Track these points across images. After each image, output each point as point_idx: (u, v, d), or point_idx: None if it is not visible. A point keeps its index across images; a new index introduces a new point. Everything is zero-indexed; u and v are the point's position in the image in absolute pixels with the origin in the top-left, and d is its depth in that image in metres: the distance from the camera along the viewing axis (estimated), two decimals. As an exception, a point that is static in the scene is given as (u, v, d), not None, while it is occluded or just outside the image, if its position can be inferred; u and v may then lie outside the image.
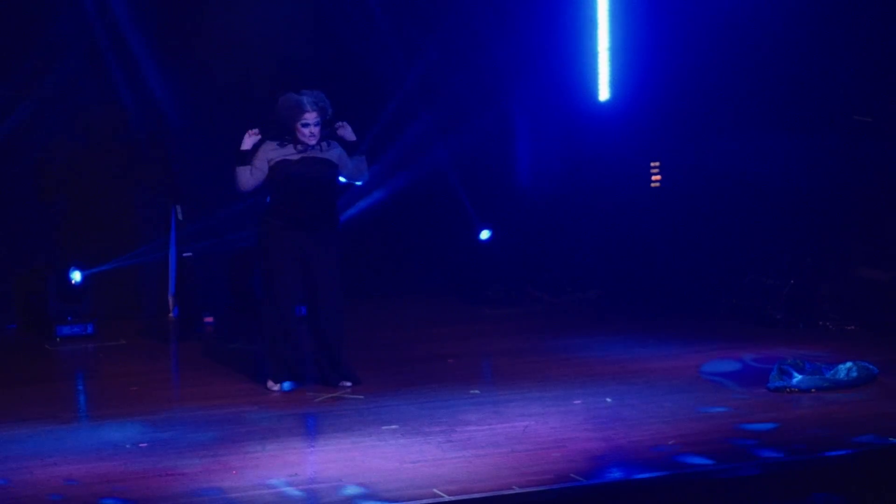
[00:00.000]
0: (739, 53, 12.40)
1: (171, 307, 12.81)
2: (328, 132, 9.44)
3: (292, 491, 7.19)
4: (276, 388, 9.46)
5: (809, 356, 9.87)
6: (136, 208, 12.64)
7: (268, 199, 9.53)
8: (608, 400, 9.08)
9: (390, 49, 13.15)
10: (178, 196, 12.47)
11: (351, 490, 7.13)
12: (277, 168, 9.29)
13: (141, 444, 8.16)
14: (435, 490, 7.06)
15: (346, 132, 9.48)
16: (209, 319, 12.43)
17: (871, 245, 11.80)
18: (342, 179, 9.65)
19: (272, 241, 9.37)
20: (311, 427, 8.63)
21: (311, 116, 9.25)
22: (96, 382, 10.62)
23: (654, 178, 13.56)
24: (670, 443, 7.97)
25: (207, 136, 12.46)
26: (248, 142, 9.34)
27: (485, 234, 13.45)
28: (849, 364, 9.41)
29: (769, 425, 8.35)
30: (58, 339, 11.69)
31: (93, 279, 12.02)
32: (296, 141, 9.31)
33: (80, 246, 12.24)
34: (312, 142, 9.31)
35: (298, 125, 9.26)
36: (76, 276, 11.89)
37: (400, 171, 13.03)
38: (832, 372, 9.36)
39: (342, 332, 9.61)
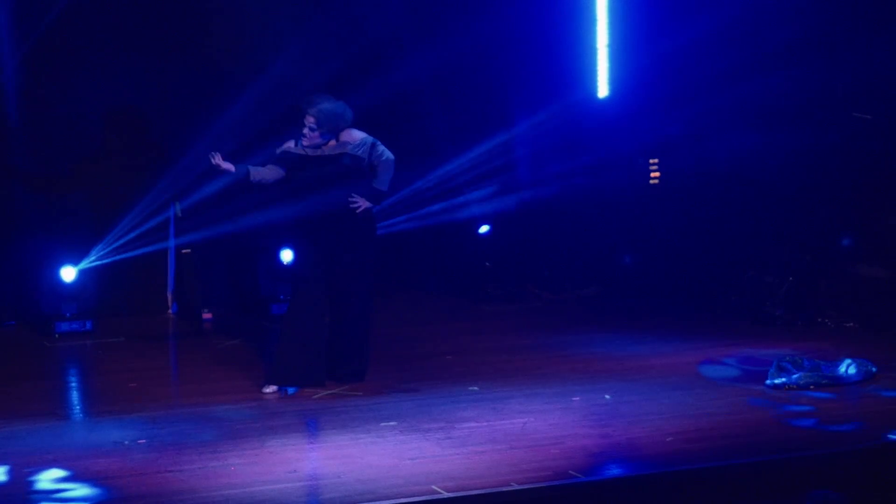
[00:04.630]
0: (738, 50, 12.40)
1: (169, 304, 12.82)
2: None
3: (291, 487, 7.19)
4: (270, 390, 9.44)
5: (808, 353, 9.89)
6: (134, 205, 12.64)
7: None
8: (607, 397, 9.09)
9: (387, 47, 13.16)
10: (177, 193, 12.47)
11: (349, 486, 7.12)
12: (285, 160, 9.36)
13: (140, 441, 8.17)
14: (433, 487, 7.06)
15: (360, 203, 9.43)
16: (208, 316, 12.45)
17: (870, 242, 11.81)
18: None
19: (300, 242, 9.43)
20: (309, 424, 8.63)
21: (307, 120, 9.27)
22: (95, 379, 10.61)
23: (652, 174, 13.57)
24: (669, 440, 7.97)
25: (207, 133, 12.47)
26: (222, 165, 9.34)
27: (484, 229, 13.46)
28: (847, 361, 9.43)
29: (768, 422, 8.36)
30: (56, 336, 11.70)
31: (90, 275, 12.02)
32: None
33: (77, 243, 12.23)
34: (304, 142, 9.32)
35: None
36: (70, 272, 11.89)
37: (399, 168, 13.01)
38: (831, 369, 9.37)
39: (365, 334, 9.58)
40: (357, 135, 9.40)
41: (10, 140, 12.19)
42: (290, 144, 9.43)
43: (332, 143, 9.36)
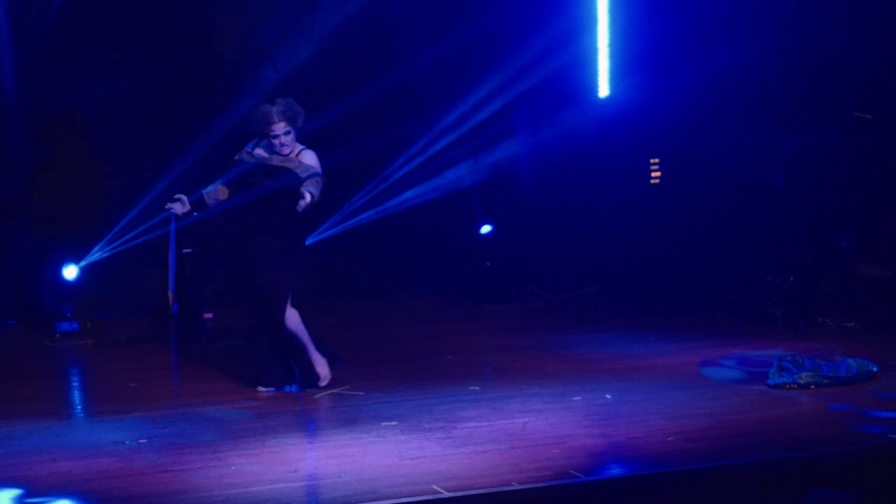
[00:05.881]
0: (739, 50, 12.39)
1: (170, 303, 12.79)
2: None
3: (292, 487, 7.19)
4: (265, 389, 9.46)
5: (809, 353, 9.89)
6: (134, 204, 12.63)
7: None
8: (608, 396, 9.09)
9: (388, 45, 13.17)
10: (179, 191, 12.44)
11: (350, 486, 7.12)
12: (237, 165, 9.33)
13: (140, 441, 8.17)
14: (434, 486, 7.06)
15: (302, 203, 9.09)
16: (209, 316, 12.44)
17: (871, 242, 11.80)
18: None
19: (232, 245, 9.39)
20: (310, 423, 8.63)
21: (278, 128, 9.15)
22: (95, 379, 10.62)
23: (653, 174, 13.57)
24: (669, 439, 7.97)
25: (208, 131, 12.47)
26: (178, 208, 9.31)
27: (486, 229, 13.46)
28: (848, 361, 9.43)
29: (768, 422, 8.36)
30: (57, 336, 11.69)
31: (91, 275, 12.01)
32: (269, 145, 9.27)
33: (76, 242, 12.21)
34: (285, 151, 9.20)
35: (270, 138, 9.23)
36: (71, 271, 11.88)
37: (400, 168, 13.04)
38: (832, 368, 9.37)
39: (291, 340, 9.40)
40: (309, 160, 9.22)
41: (11, 139, 12.18)
42: (247, 152, 9.31)
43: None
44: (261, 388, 9.45)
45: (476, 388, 9.45)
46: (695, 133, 12.98)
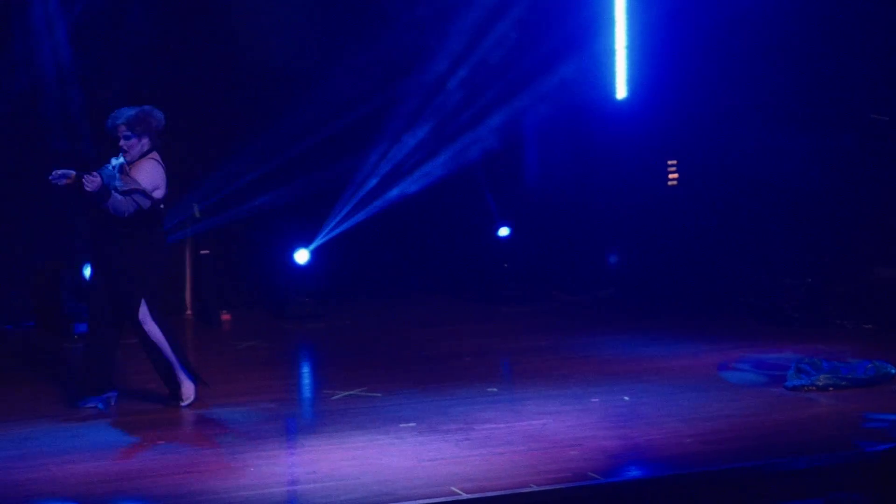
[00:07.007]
0: (756, 52, 12.39)
1: (188, 305, 12.83)
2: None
3: (310, 488, 7.20)
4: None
5: (827, 355, 9.87)
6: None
7: None
8: (625, 398, 9.09)
9: (400, 43, 13.18)
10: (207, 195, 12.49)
11: (368, 488, 7.13)
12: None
13: (159, 442, 8.19)
14: (452, 488, 7.07)
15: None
16: (227, 317, 12.46)
17: (888, 244, 11.78)
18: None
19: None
20: (328, 425, 8.63)
21: (119, 129, 9.02)
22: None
23: (671, 176, 13.55)
24: (687, 441, 7.97)
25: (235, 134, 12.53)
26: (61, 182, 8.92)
27: (504, 231, 13.47)
28: (866, 363, 9.43)
29: (786, 424, 8.35)
30: (75, 337, 11.70)
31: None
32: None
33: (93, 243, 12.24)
34: (127, 157, 9.00)
35: None
36: (90, 272, 11.91)
37: (417, 170, 13.04)
38: (849, 371, 9.36)
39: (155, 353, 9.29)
40: (139, 173, 8.94)
41: (32, 139, 12.22)
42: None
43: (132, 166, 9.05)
44: (82, 405, 9.12)
45: (493, 389, 9.45)
46: (712, 135, 12.96)
